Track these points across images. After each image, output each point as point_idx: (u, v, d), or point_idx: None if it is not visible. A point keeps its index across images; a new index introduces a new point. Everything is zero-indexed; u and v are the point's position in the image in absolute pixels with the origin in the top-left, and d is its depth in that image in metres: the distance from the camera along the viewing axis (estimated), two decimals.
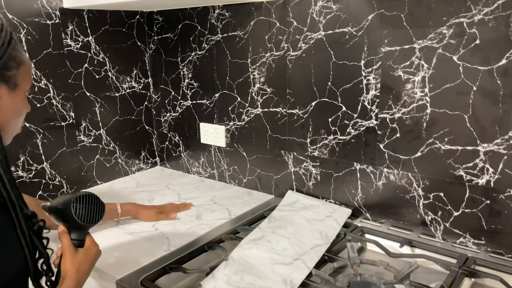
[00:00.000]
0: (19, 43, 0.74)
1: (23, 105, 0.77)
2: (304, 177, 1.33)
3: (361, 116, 1.16)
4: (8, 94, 0.72)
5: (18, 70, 0.73)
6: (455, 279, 0.90)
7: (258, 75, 1.36)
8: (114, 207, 1.21)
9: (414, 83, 1.05)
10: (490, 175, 0.98)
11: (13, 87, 0.73)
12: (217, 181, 1.59)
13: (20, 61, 0.73)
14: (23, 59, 0.75)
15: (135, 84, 1.65)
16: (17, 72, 0.72)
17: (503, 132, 0.95)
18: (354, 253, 0.96)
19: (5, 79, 0.71)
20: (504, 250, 1.00)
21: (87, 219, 0.81)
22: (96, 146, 1.55)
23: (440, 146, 1.04)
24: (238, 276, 0.91)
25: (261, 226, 1.14)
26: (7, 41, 0.70)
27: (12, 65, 0.71)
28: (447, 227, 1.07)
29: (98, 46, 1.50)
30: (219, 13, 1.40)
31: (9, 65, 0.71)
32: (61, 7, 1.36)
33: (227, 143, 1.52)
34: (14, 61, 0.72)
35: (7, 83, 0.72)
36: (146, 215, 1.24)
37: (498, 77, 0.93)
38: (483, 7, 0.92)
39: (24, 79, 0.75)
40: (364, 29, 1.10)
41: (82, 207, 0.81)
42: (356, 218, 1.23)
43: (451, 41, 0.97)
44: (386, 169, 1.14)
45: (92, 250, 0.83)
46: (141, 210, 1.25)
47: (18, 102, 0.75)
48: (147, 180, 1.63)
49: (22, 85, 0.74)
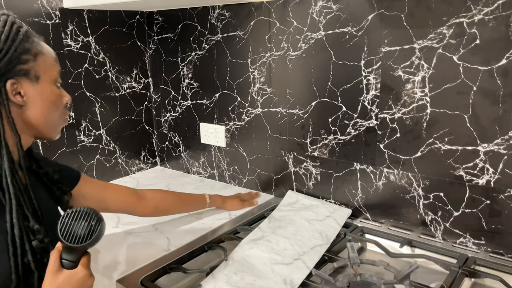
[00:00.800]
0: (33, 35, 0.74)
1: (53, 96, 0.77)
2: (304, 177, 1.33)
3: (361, 116, 1.16)
4: (33, 87, 0.73)
5: (35, 62, 0.73)
6: (455, 279, 0.90)
7: (258, 75, 1.36)
8: (203, 198, 1.26)
9: (414, 83, 1.05)
10: (490, 175, 0.98)
11: (35, 79, 0.73)
12: (217, 181, 1.59)
13: (36, 52, 0.73)
14: (41, 50, 0.75)
15: (135, 84, 1.65)
16: (35, 63, 0.73)
17: (503, 132, 0.95)
18: (354, 253, 0.96)
19: (23, 73, 0.72)
20: (504, 250, 1.00)
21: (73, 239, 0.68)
22: (96, 146, 1.55)
23: (440, 146, 1.04)
24: (238, 276, 0.91)
25: (261, 226, 1.14)
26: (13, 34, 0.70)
27: (27, 58, 0.72)
28: (447, 227, 1.07)
29: (98, 46, 1.50)
30: (219, 13, 1.40)
31: (23, 59, 0.71)
32: (61, 7, 1.36)
33: (227, 143, 1.52)
34: (29, 53, 0.72)
35: (27, 76, 0.72)
36: (231, 204, 1.30)
37: (498, 77, 0.93)
38: (483, 7, 0.92)
39: (46, 70, 0.75)
40: (364, 29, 1.10)
41: (73, 224, 0.69)
42: (356, 218, 1.23)
43: (451, 41, 0.97)
44: (386, 169, 1.14)
45: (78, 275, 0.70)
46: (227, 200, 1.30)
47: (46, 93, 0.75)
48: (147, 180, 1.63)
49: (44, 76, 0.75)
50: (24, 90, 0.73)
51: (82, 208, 0.70)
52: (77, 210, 0.69)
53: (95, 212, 0.71)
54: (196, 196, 1.27)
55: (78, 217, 0.69)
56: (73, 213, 0.69)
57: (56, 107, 0.79)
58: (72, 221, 0.69)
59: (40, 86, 0.74)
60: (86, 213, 0.69)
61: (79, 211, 0.69)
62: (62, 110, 0.81)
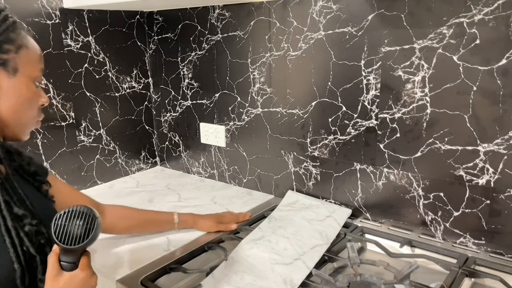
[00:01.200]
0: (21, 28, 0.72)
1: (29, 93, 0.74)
2: (304, 177, 1.33)
3: (361, 116, 1.16)
4: (8, 80, 0.70)
5: (17, 54, 0.70)
6: (455, 279, 0.90)
7: (258, 75, 1.36)
8: (171, 218, 1.13)
9: (414, 83, 1.05)
10: (490, 175, 0.98)
11: (12, 71, 0.70)
12: (217, 181, 1.59)
13: (20, 44, 0.71)
14: (25, 44, 0.72)
15: (135, 84, 1.65)
16: (16, 55, 0.70)
17: (503, 132, 0.95)
18: (354, 253, 0.96)
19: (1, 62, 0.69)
20: (504, 250, 1.00)
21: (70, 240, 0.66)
22: (96, 146, 1.55)
23: (440, 146, 1.04)
24: (238, 276, 0.91)
25: (261, 226, 1.14)
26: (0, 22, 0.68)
27: (9, 48, 0.70)
28: (447, 227, 1.07)
29: (98, 46, 1.50)
30: (219, 13, 1.40)
31: (4, 48, 0.69)
32: (61, 7, 1.36)
33: (227, 143, 1.52)
34: (12, 44, 0.70)
35: (5, 67, 0.70)
36: (204, 226, 1.15)
37: (498, 77, 0.93)
38: (483, 7, 0.92)
39: (27, 65, 0.72)
40: (364, 29, 1.10)
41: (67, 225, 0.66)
42: (356, 218, 1.23)
43: (451, 41, 0.97)
44: (386, 169, 1.14)
45: (79, 276, 0.67)
46: (199, 221, 1.16)
47: (21, 88, 0.72)
48: (147, 180, 1.63)
49: (24, 71, 0.72)
50: None
51: (75, 207, 0.67)
52: (70, 210, 0.67)
53: (89, 209, 0.68)
54: (162, 215, 1.15)
55: (71, 216, 0.66)
56: (65, 213, 0.66)
57: (30, 105, 0.75)
58: (66, 221, 0.66)
59: (17, 80, 0.71)
60: (79, 212, 0.67)
61: (71, 211, 0.67)
62: (36, 111, 0.77)
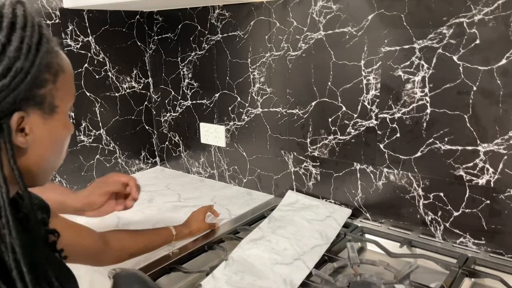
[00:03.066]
0: (52, 41, 0.50)
1: (66, 131, 0.54)
2: (304, 177, 1.33)
3: (361, 116, 1.16)
4: (43, 122, 0.49)
5: (55, 84, 0.49)
6: (455, 279, 0.90)
7: (258, 75, 1.36)
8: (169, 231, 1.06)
9: (414, 83, 1.05)
10: (490, 175, 0.98)
11: (49, 110, 0.50)
12: (217, 181, 1.59)
13: (57, 69, 0.50)
14: (62, 65, 0.51)
15: (135, 84, 1.65)
16: (53, 86, 0.49)
17: (503, 132, 0.95)
18: (354, 253, 0.96)
19: (36, 101, 0.48)
20: (504, 250, 1.00)
21: None
22: (96, 146, 1.55)
23: (440, 146, 1.04)
24: (238, 276, 0.91)
25: (261, 226, 1.14)
26: (36, 42, 0.47)
27: (46, 78, 0.48)
28: (447, 227, 1.07)
29: (98, 46, 1.50)
30: (219, 13, 1.40)
31: (41, 80, 0.48)
32: (61, 7, 1.36)
33: (227, 143, 1.52)
34: (49, 72, 0.49)
35: (41, 106, 0.49)
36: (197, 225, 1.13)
37: (498, 77, 0.93)
38: (483, 7, 0.92)
39: (66, 95, 0.52)
40: (364, 29, 1.10)
41: None
42: (356, 218, 1.23)
43: (451, 41, 0.97)
44: (386, 169, 1.14)
45: None
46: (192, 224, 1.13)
47: (58, 130, 0.52)
48: (147, 180, 1.63)
49: (62, 105, 0.51)
50: (31, 126, 0.48)
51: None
52: None
53: None
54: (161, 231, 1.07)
55: None
56: None
57: (64, 146, 0.55)
58: None
59: (55, 120, 0.51)
60: None
61: None
62: (66, 149, 0.57)
